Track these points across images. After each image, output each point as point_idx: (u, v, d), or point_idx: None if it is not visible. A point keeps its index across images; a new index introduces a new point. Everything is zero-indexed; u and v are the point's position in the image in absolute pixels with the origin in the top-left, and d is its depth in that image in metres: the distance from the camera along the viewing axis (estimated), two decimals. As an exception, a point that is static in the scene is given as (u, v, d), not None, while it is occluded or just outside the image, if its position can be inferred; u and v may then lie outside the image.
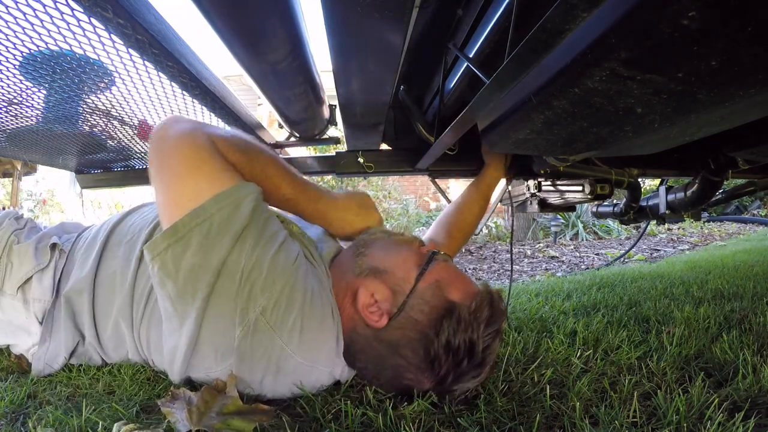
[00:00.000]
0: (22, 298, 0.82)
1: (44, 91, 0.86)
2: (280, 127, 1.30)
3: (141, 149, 1.27)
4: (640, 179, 1.35)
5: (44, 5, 0.55)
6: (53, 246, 0.86)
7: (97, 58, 0.70)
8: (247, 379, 0.65)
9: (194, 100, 0.91)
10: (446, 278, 0.70)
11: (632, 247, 3.08)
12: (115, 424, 0.55)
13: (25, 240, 0.87)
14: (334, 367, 0.69)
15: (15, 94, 0.84)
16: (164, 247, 0.61)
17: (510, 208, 1.45)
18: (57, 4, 0.55)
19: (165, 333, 0.67)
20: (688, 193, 1.28)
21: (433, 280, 0.69)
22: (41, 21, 0.58)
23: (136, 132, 1.12)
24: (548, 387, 0.69)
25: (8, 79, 0.77)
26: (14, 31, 0.60)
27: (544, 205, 1.43)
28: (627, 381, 0.71)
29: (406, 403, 0.66)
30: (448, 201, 1.53)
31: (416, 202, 6.19)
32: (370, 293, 0.68)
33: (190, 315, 0.61)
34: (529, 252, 4.02)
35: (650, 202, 1.48)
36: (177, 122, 0.68)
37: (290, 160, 1.43)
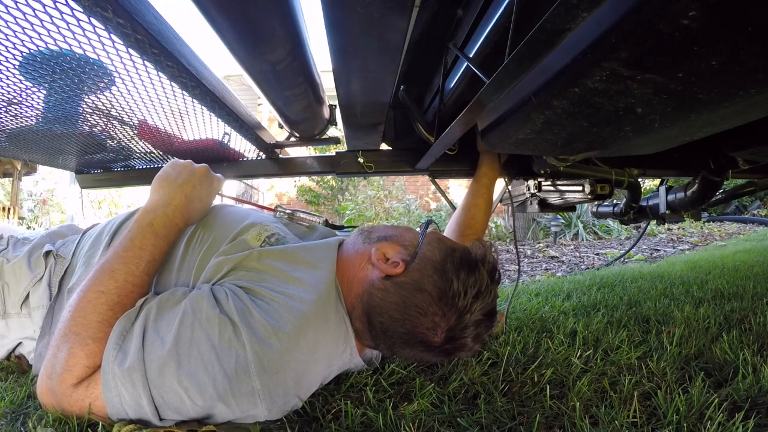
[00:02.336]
0: (27, 313, 0.83)
1: (44, 91, 0.86)
2: (280, 127, 1.30)
3: (141, 149, 1.27)
4: (640, 179, 1.35)
5: (44, 5, 0.55)
6: (47, 254, 0.87)
7: (97, 58, 0.70)
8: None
9: (194, 100, 0.91)
10: (445, 237, 0.81)
11: (632, 247, 3.08)
12: (115, 425, 0.55)
13: (14, 256, 0.87)
14: (343, 355, 0.70)
15: (15, 94, 0.84)
16: None
17: (510, 208, 1.45)
18: (57, 4, 0.55)
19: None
20: (688, 193, 1.28)
21: (436, 237, 0.78)
22: (41, 21, 0.58)
23: (136, 132, 1.12)
24: (548, 387, 0.69)
25: (8, 78, 0.76)
26: (14, 31, 0.60)
27: (544, 205, 1.43)
28: (627, 381, 0.71)
29: (406, 403, 0.66)
30: (449, 201, 1.53)
31: (417, 202, 6.20)
32: (381, 252, 0.74)
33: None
34: (529, 252, 4.02)
35: (650, 202, 1.49)
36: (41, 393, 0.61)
37: (290, 160, 1.43)
